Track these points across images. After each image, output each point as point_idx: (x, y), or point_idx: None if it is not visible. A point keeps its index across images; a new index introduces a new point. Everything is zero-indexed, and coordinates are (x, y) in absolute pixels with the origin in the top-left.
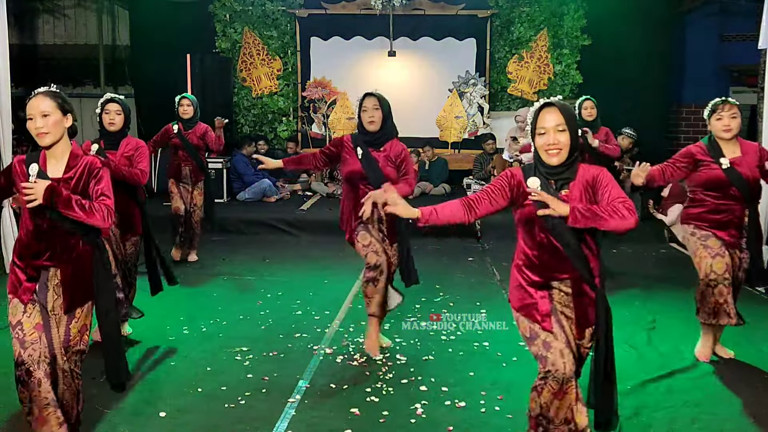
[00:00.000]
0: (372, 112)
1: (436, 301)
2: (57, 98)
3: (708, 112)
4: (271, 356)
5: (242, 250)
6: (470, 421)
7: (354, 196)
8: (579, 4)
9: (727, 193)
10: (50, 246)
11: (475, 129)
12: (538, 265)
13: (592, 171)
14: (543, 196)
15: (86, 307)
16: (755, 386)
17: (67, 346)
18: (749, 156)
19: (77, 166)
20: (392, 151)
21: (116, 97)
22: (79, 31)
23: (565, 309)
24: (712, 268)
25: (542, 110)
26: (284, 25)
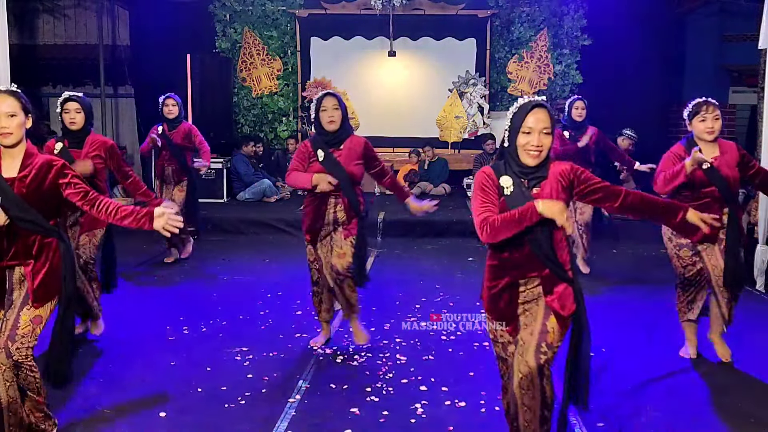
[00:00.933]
0: (332, 112)
1: (436, 301)
2: (21, 98)
3: (689, 113)
4: (271, 356)
5: (242, 250)
6: (470, 421)
7: (318, 198)
8: (579, 4)
9: (706, 193)
10: (12, 244)
11: (475, 129)
12: (508, 263)
13: (560, 166)
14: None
15: (50, 302)
16: (755, 386)
17: (14, 334)
18: (728, 155)
19: (32, 164)
20: (354, 147)
21: (74, 95)
22: (79, 31)
23: (532, 305)
24: (684, 275)
25: (532, 110)
26: (284, 25)
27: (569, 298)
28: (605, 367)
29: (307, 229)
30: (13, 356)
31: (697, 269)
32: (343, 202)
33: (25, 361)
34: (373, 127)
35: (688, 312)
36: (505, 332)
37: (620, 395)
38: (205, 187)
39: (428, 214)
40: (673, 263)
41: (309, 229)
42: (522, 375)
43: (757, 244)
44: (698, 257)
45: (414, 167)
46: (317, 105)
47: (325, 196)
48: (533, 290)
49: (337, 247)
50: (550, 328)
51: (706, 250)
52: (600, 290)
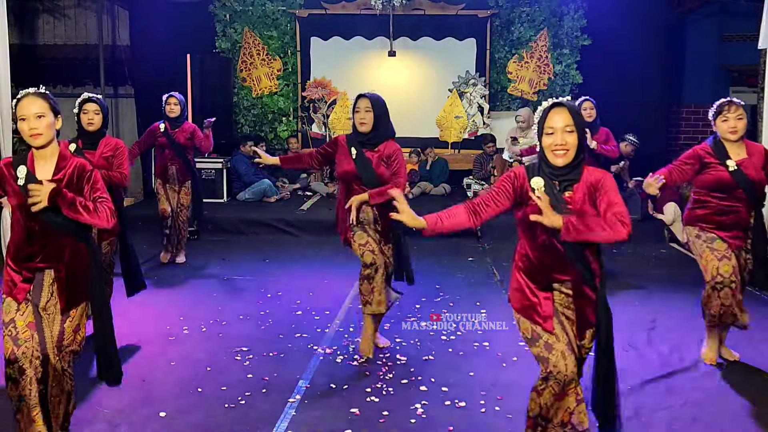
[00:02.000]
0: (363, 114)
1: (436, 301)
2: (49, 99)
3: (713, 113)
4: (271, 356)
5: (242, 250)
6: (470, 421)
7: (349, 196)
8: (579, 4)
9: (732, 195)
10: (42, 247)
11: (475, 129)
12: (538, 266)
13: (596, 174)
14: (542, 203)
15: (81, 307)
16: (755, 386)
17: (60, 345)
18: (755, 157)
19: (66, 167)
20: (386, 152)
21: (94, 97)
22: (79, 31)
23: (566, 310)
24: (718, 270)
25: (551, 110)
26: (284, 25)
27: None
28: None
29: (340, 231)
30: (59, 365)
31: (732, 265)
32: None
33: (67, 369)
34: None
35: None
36: (544, 330)
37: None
38: (205, 187)
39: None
40: (704, 261)
41: (342, 230)
42: (567, 379)
43: None
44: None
45: (414, 167)
46: (353, 105)
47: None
48: (567, 295)
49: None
50: (587, 336)
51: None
52: None
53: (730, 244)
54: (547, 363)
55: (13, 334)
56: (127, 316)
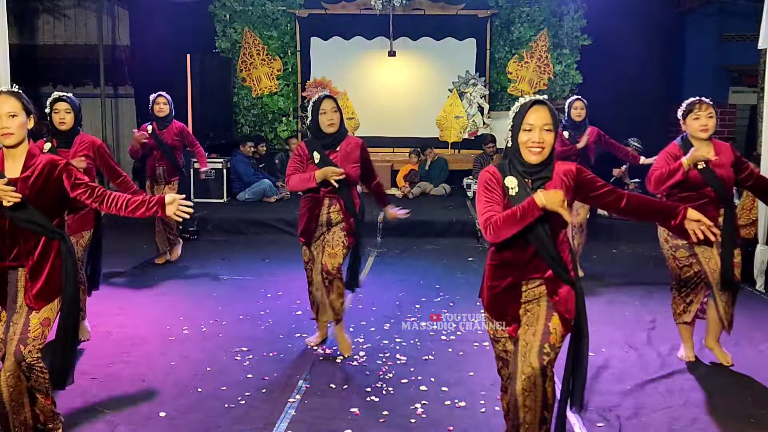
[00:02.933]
0: (331, 115)
1: (436, 301)
2: (22, 99)
3: (683, 111)
4: (271, 356)
5: (242, 250)
6: (470, 421)
7: (314, 200)
8: (579, 4)
9: (701, 193)
10: (13, 246)
11: (475, 129)
12: (511, 263)
13: (564, 166)
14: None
15: (54, 303)
16: (755, 386)
17: (25, 337)
18: (723, 155)
19: (35, 165)
20: (350, 149)
21: (64, 96)
22: (79, 31)
23: (534, 306)
24: (680, 276)
25: (532, 107)
26: (284, 25)
27: (572, 300)
28: (605, 367)
29: (302, 231)
30: (26, 359)
31: (694, 271)
32: (339, 203)
33: (36, 364)
34: (373, 128)
35: (684, 314)
36: (505, 332)
37: (620, 395)
38: (205, 187)
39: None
40: (669, 264)
41: (304, 231)
42: (525, 376)
43: (757, 244)
44: (695, 259)
45: (414, 167)
46: (315, 107)
47: (319, 197)
48: (535, 290)
49: (329, 246)
50: (553, 329)
51: (704, 252)
52: (600, 290)
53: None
54: (507, 364)
55: None
56: (127, 316)
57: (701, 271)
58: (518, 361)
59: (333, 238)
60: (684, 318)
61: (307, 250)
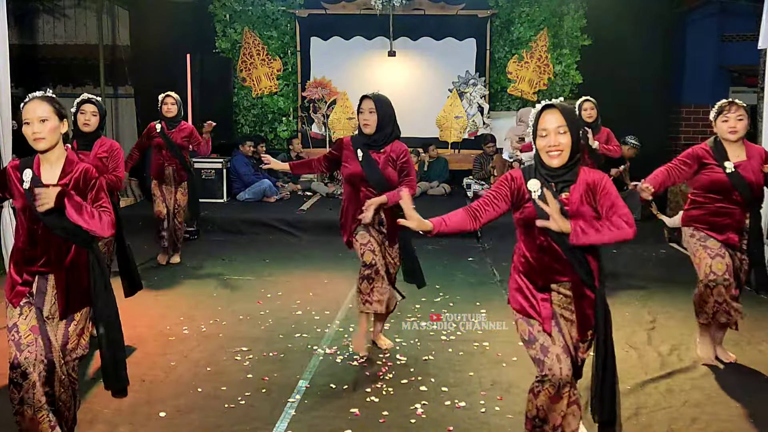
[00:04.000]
0: (367, 115)
1: (436, 301)
2: (54, 103)
3: (714, 113)
4: (271, 356)
5: (242, 250)
6: (470, 421)
7: (355, 198)
8: (579, 4)
9: (729, 197)
10: (45, 251)
11: (475, 129)
12: (537, 267)
13: (593, 175)
14: (551, 209)
15: (84, 312)
16: (755, 387)
17: (64, 349)
18: (754, 160)
19: (73, 172)
20: (393, 152)
21: (92, 98)
22: (79, 31)
23: (564, 311)
24: (711, 268)
25: (544, 112)
26: (284, 25)
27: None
28: None
29: (344, 230)
30: (64, 368)
31: (726, 264)
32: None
33: (72, 373)
34: None
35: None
36: (542, 332)
37: (620, 395)
38: (205, 187)
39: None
40: (698, 259)
41: (346, 230)
42: (556, 381)
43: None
44: (726, 250)
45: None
46: (357, 106)
47: (359, 198)
48: (565, 296)
49: (389, 257)
50: (588, 336)
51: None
52: None
53: (725, 244)
54: (542, 366)
55: (15, 338)
56: (127, 316)
57: (730, 266)
58: (552, 366)
59: (393, 249)
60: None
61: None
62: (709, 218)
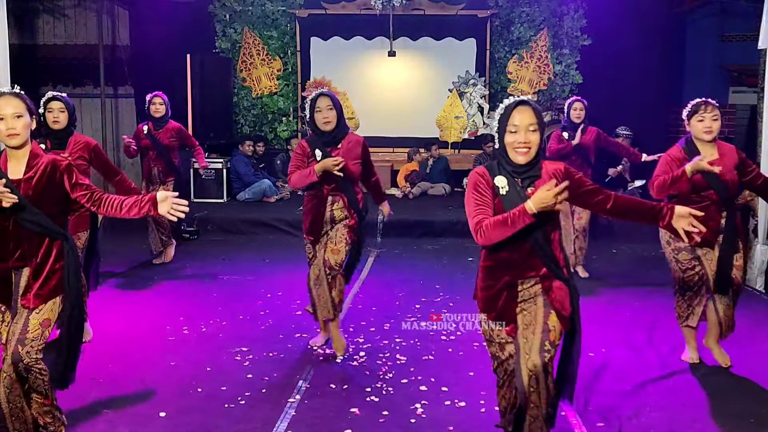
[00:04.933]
0: (326, 113)
1: (436, 301)
2: (25, 100)
3: (688, 112)
4: (271, 356)
5: (242, 250)
6: (470, 421)
7: (317, 197)
8: (579, 4)
9: (704, 196)
10: (17, 246)
11: (475, 129)
12: (506, 264)
13: (554, 165)
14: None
15: (52, 302)
16: (755, 386)
17: (23, 338)
18: (727, 158)
19: (38, 165)
20: (352, 146)
21: (58, 95)
22: (79, 31)
23: (530, 306)
24: (683, 279)
25: (516, 108)
26: (284, 25)
27: (567, 297)
28: (605, 367)
29: (308, 231)
30: (24, 360)
31: (697, 273)
32: (342, 199)
33: (35, 365)
34: (373, 127)
35: (688, 318)
36: (502, 332)
37: (620, 395)
38: (205, 187)
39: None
40: (672, 267)
41: (309, 230)
42: (530, 373)
43: (757, 244)
44: (698, 261)
45: (415, 168)
46: (311, 106)
47: (323, 195)
48: (530, 289)
49: (332, 243)
50: (552, 327)
51: (706, 255)
52: (600, 290)
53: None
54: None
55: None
56: (128, 316)
57: (704, 274)
58: (521, 360)
59: (336, 234)
60: (689, 322)
61: (311, 247)
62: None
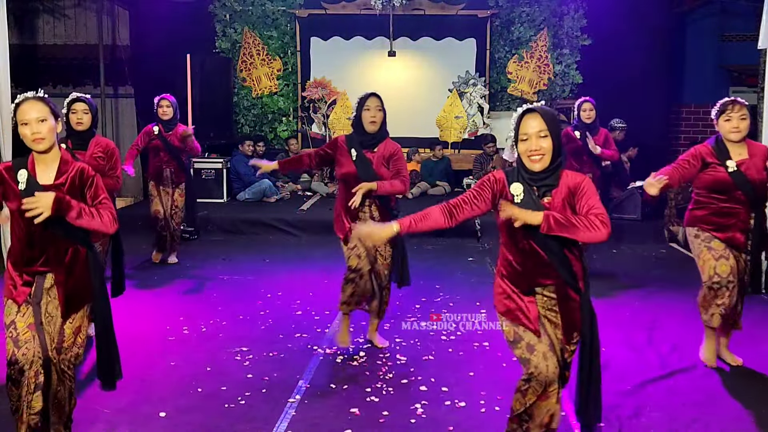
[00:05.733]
0: (375, 113)
1: (436, 301)
2: (49, 103)
3: (716, 112)
4: (271, 356)
5: (242, 250)
6: (470, 421)
7: (348, 197)
8: (579, 4)
9: (732, 196)
10: (43, 252)
11: (475, 129)
12: (521, 272)
13: (575, 179)
14: (512, 210)
15: (83, 310)
16: (755, 386)
17: (60, 347)
18: (756, 158)
19: (68, 171)
20: (386, 151)
21: (83, 97)
22: (79, 31)
23: (548, 313)
24: (715, 270)
25: (524, 116)
26: (284, 25)
27: (578, 311)
28: (605, 367)
29: (340, 230)
30: (60, 366)
31: (730, 265)
32: (376, 201)
33: (68, 371)
34: None
35: (710, 312)
36: (527, 331)
37: (620, 395)
38: (205, 187)
39: None
40: (701, 261)
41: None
42: (548, 380)
43: None
44: (730, 252)
45: (416, 167)
46: (360, 103)
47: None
48: (550, 299)
49: (381, 257)
50: (573, 338)
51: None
52: (600, 290)
53: (730, 244)
54: (528, 364)
55: (14, 335)
56: (128, 316)
57: (734, 270)
58: (539, 366)
59: (386, 248)
60: (713, 322)
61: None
62: (713, 218)
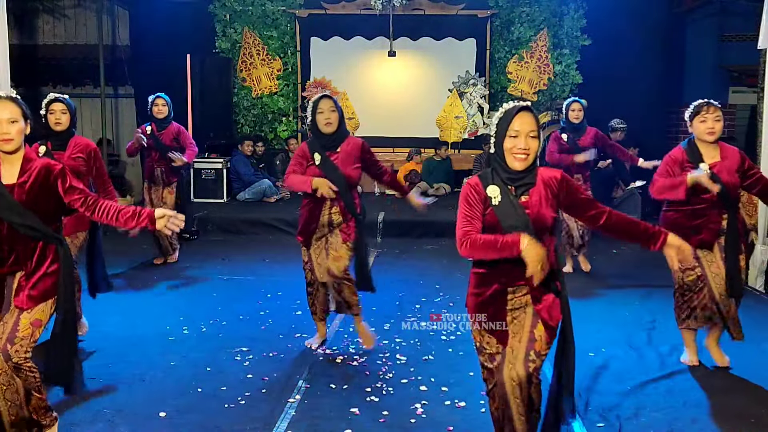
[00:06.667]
0: (329, 114)
1: (436, 301)
2: (21, 105)
3: (690, 113)
4: (271, 356)
5: (242, 250)
6: (470, 421)
7: (314, 201)
8: (579, 4)
9: (704, 199)
10: (11, 251)
11: (475, 129)
12: (497, 271)
13: (549, 173)
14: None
15: (45, 303)
16: (755, 386)
17: (13, 336)
18: (729, 161)
19: (31, 169)
20: (351, 150)
21: (60, 97)
22: (79, 31)
23: (520, 314)
24: (683, 279)
25: (518, 113)
26: (284, 25)
27: (557, 307)
28: (605, 367)
29: (300, 231)
30: (12, 358)
31: (696, 275)
32: (339, 204)
33: (24, 363)
34: (373, 128)
35: (687, 319)
36: (492, 340)
37: (620, 395)
38: (205, 187)
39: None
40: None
41: (302, 231)
42: (514, 383)
43: (756, 244)
44: (698, 262)
45: (416, 167)
46: (313, 108)
47: (320, 198)
48: (521, 298)
49: (333, 250)
50: (538, 336)
51: (706, 256)
52: (600, 290)
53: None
54: (489, 373)
55: None
56: (127, 316)
57: (703, 275)
58: (505, 368)
59: (336, 241)
60: (688, 324)
61: (305, 250)
62: (685, 221)
